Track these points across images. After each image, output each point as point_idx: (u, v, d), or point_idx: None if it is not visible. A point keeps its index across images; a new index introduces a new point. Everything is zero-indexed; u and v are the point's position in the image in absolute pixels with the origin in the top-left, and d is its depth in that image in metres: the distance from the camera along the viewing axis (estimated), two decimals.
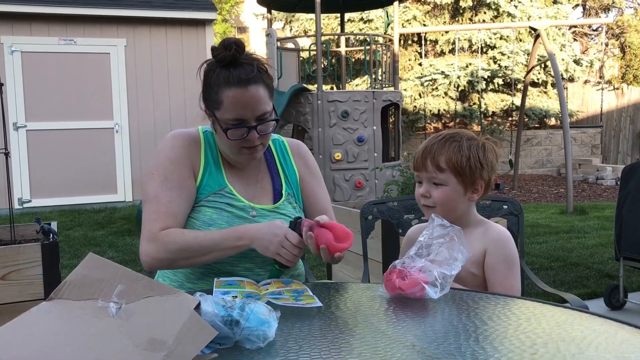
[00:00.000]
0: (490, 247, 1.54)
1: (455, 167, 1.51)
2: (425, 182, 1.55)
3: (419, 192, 1.57)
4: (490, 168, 1.55)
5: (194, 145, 1.61)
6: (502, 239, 1.55)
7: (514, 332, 1.07)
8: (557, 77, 7.92)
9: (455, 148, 1.51)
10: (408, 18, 12.52)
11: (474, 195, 1.55)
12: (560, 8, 13.27)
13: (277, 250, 1.40)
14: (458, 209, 1.54)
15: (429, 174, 1.53)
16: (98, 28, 8.13)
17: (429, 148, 1.54)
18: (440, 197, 1.52)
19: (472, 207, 1.59)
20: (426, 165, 1.53)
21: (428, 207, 1.55)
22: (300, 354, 0.98)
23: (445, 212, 1.48)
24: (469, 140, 1.54)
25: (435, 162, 1.52)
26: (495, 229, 1.58)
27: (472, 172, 1.51)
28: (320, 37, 7.65)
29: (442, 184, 1.52)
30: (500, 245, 1.55)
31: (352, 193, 7.56)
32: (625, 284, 3.69)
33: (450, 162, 1.50)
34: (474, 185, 1.53)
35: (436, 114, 12.28)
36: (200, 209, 1.56)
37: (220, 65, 1.50)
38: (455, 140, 1.53)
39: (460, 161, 1.50)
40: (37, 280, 2.45)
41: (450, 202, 1.53)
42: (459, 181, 1.52)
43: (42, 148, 7.93)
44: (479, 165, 1.52)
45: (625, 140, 13.15)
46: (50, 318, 0.95)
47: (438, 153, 1.52)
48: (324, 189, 1.76)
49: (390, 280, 1.30)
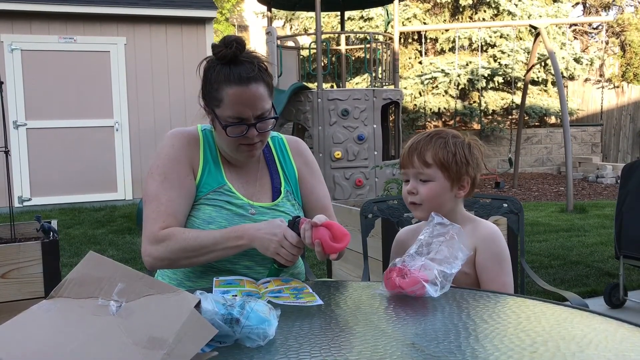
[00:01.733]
0: (480, 245, 1.54)
1: (441, 162, 1.52)
2: (412, 179, 1.56)
3: (405, 190, 1.57)
4: (476, 165, 1.56)
5: (193, 143, 1.62)
6: (491, 236, 1.56)
7: (514, 330, 1.07)
8: (558, 76, 7.91)
9: (441, 144, 1.53)
10: (408, 16, 12.51)
11: (460, 192, 1.56)
12: (561, 6, 13.26)
13: (277, 250, 1.40)
14: (445, 205, 1.55)
15: (415, 170, 1.54)
16: (98, 26, 8.12)
17: (415, 145, 1.55)
18: (427, 193, 1.53)
19: (460, 204, 1.60)
20: (413, 161, 1.54)
21: (415, 205, 1.56)
22: (300, 352, 0.99)
23: (432, 209, 1.48)
24: (455, 138, 1.56)
25: (422, 158, 1.53)
26: (484, 226, 1.59)
27: (458, 167, 1.52)
28: (320, 35, 7.64)
29: (428, 179, 1.53)
30: (490, 242, 1.55)
31: (352, 191, 7.56)
32: (625, 283, 3.69)
33: (437, 157, 1.52)
34: (460, 182, 1.54)
35: (436, 113, 12.27)
36: (199, 207, 1.57)
37: (220, 63, 1.50)
38: (441, 137, 1.55)
39: (447, 156, 1.52)
40: (37, 278, 2.45)
41: (437, 198, 1.53)
42: (445, 177, 1.52)
43: (42, 146, 7.93)
44: (465, 161, 1.53)
45: (625, 138, 13.15)
46: (50, 316, 0.95)
47: (424, 149, 1.53)
48: (323, 185, 1.76)
49: (390, 279, 1.30)
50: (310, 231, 1.37)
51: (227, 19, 18.22)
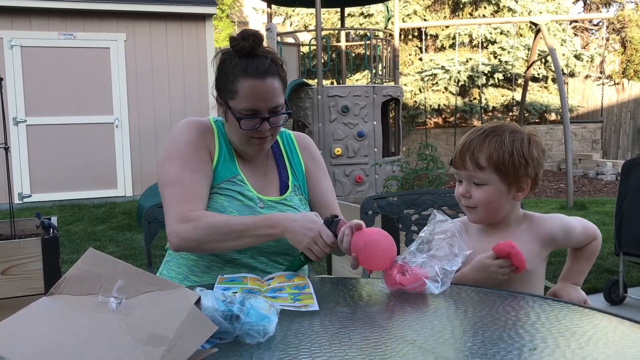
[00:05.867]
0: (558, 236, 1.47)
1: (497, 165, 1.38)
2: (465, 181, 1.43)
3: (458, 192, 1.45)
4: (537, 163, 1.41)
5: (209, 132, 1.63)
6: (564, 228, 1.48)
7: (514, 327, 1.07)
8: (558, 72, 7.91)
9: (497, 143, 1.38)
10: (408, 13, 12.49)
11: (519, 194, 1.43)
12: (561, 3, 13.23)
13: (309, 246, 1.39)
14: (502, 209, 1.43)
15: (468, 173, 1.41)
16: (98, 23, 8.11)
17: (467, 144, 1.42)
18: (481, 197, 1.41)
19: (517, 204, 1.48)
20: (465, 163, 1.41)
21: (469, 208, 1.45)
22: (301, 348, 0.99)
23: (488, 214, 1.42)
24: (513, 134, 1.40)
25: (475, 160, 1.39)
26: (549, 219, 1.49)
27: (515, 169, 1.38)
28: (320, 31, 7.63)
29: (483, 183, 1.40)
30: (568, 234, 1.49)
31: (352, 188, 7.57)
32: (625, 279, 3.69)
33: (492, 159, 1.38)
34: (518, 184, 1.41)
35: (436, 109, 12.26)
36: (212, 196, 1.57)
37: (237, 56, 1.51)
38: (497, 135, 1.40)
39: (503, 158, 1.37)
40: (37, 275, 2.46)
41: (493, 203, 1.41)
42: (501, 180, 1.39)
43: (42, 143, 7.93)
44: (524, 162, 1.39)
45: (625, 135, 13.14)
46: (50, 313, 0.95)
47: (478, 150, 1.39)
48: (328, 181, 1.77)
49: (391, 276, 1.30)
50: (350, 237, 1.35)
51: (227, 15, 18.19)
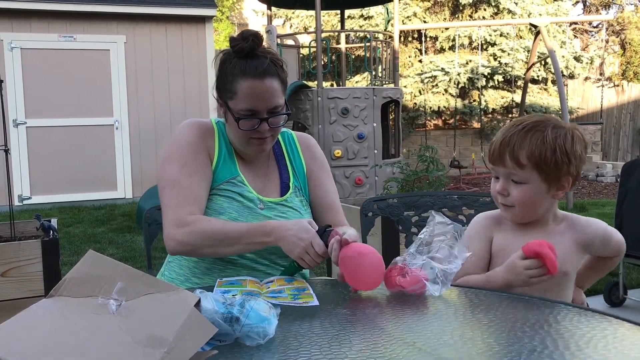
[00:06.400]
0: (596, 243, 1.44)
1: (538, 163, 1.31)
2: (503, 178, 1.37)
3: (495, 189, 1.39)
4: (579, 161, 1.34)
5: (209, 133, 1.63)
6: (604, 234, 1.45)
7: (513, 328, 1.07)
8: (558, 74, 7.91)
9: (538, 140, 1.31)
10: (408, 15, 12.50)
11: (559, 193, 1.36)
12: (561, 5, 13.25)
13: (301, 255, 1.39)
14: (540, 209, 1.38)
15: (507, 170, 1.35)
16: (98, 25, 8.11)
17: (507, 139, 1.34)
18: (519, 197, 1.35)
19: (555, 203, 1.42)
20: (504, 160, 1.34)
21: (506, 207, 1.39)
22: (300, 350, 0.99)
23: (525, 213, 1.37)
24: (555, 130, 1.33)
25: (515, 157, 1.32)
26: (590, 222, 1.44)
27: (557, 167, 1.32)
28: (320, 33, 7.64)
29: (522, 182, 1.34)
30: (606, 240, 1.46)
31: (352, 190, 7.56)
32: (625, 281, 3.69)
33: (533, 157, 1.31)
34: (559, 182, 1.34)
35: (436, 111, 12.27)
36: (211, 197, 1.57)
37: (237, 56, 1.51)
38: (538, 130, 1.32)
39: (545, 156, 1.30)
40: (37, 277, 2.45)
41: (532, 202, 1.36)
42: (542, 178, 1.33)
43: (42, 145, 7.93)
44: (566, 160, 1.32)
45: (625, 137, 13.15)
46: (50, 315, 0.95)
47: (518, 146, 1.32)
48: (331, 182, 1.77)
49: (391, 277, 1.30)
50: (338, 251, 1.33)
51: (227, 17, 18.20)
